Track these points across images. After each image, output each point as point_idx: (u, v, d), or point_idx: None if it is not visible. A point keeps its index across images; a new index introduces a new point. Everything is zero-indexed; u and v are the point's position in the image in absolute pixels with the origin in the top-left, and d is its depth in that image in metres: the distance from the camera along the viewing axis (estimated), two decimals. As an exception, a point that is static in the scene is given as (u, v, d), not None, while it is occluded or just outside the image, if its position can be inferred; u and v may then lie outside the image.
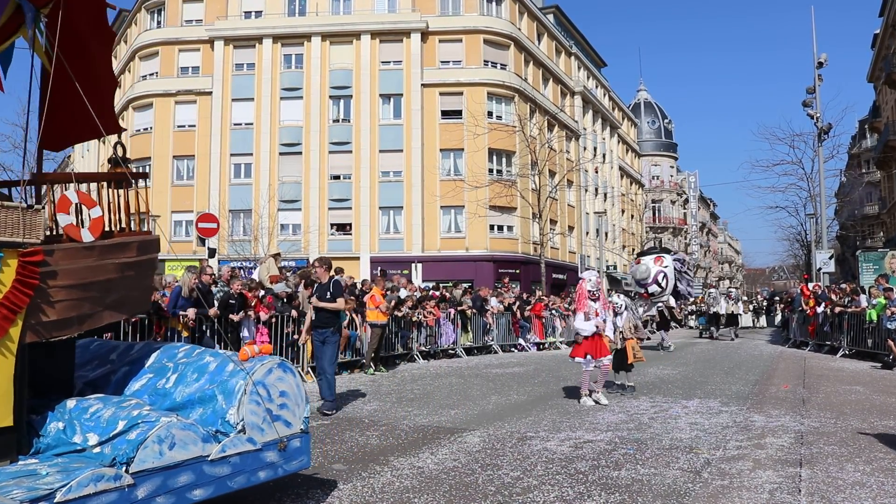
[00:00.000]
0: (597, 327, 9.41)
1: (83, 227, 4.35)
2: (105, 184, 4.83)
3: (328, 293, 8.93)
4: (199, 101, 37.49)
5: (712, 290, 31.55)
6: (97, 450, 3.96)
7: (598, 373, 9.63)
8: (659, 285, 19.09)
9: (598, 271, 16.95)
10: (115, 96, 4.95)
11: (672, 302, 20.14)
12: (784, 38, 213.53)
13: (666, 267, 19.19)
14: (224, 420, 4.35)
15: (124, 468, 3.76)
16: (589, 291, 9.51)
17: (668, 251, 21.83)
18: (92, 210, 4.42)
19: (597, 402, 9.34)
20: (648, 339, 27.60)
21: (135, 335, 9.83)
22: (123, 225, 4.82)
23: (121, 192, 4.82)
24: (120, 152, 4.83)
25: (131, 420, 4.02)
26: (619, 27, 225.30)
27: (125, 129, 5.00)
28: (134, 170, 5.03)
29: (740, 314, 28.90)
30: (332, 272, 9.56)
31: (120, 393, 4.78)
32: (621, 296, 12.26)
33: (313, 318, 9.10)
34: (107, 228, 4.61)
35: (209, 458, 4.12)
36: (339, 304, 9.01)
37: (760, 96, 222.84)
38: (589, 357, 9.44)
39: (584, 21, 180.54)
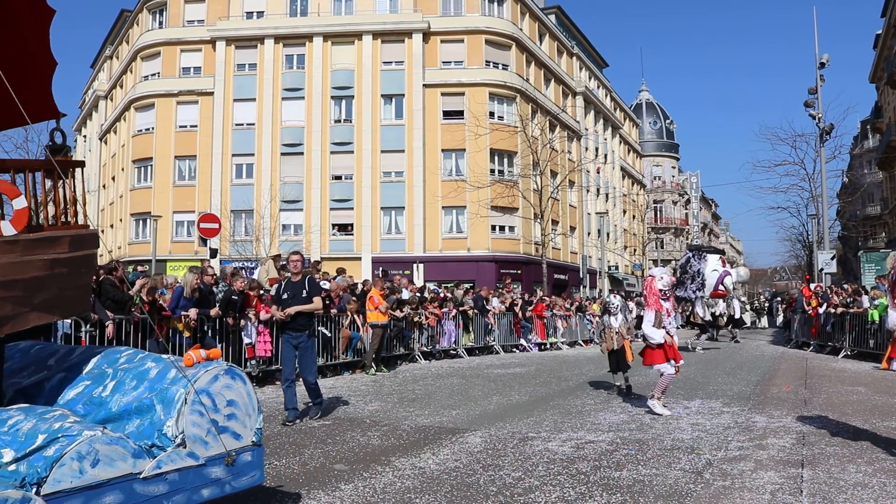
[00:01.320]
0: (666, 331, 8.61)
1: (4, 219, 3.99)
2: (35, 172, 4.33)
3: (304, 291, 8.14)
4: (201, 102, 37.53)
5: None
6: (13, 467, 3.48)
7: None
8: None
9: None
10: (52, 77, 4.45)
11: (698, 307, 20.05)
12: (789, 35, 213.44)
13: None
14: (161, 433, 3.96)
15: (35, 489, 3.33)
16: (660, 290, 8.67)
17: (717, 251, 21.49)
18: (15, 200, 4.04)
19: (650, 411, 8.53)
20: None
21: (136, 335, 9.84)
22: (55, 218, 4.37)
23: (58, 181, 4.35)
24: (59, 139, 4.44)
25: (52, 434, 3.59)
26: (620, 27, 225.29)
27: (64, 115, 4.46)
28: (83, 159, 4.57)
29: (736, 314, 28.44)
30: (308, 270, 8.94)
31: (53, 402, 4.38)
32: (617, 296, 12.17)
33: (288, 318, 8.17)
34: (36, 222, 4.22)
35: (141, 476, 3.72)
36: (317, 304, 8.26)
37: (763, 95, 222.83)
38: (672, 361, 8.60)
39: (585, 21, 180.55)
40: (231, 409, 4.32)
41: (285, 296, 8.25)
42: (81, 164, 4.89)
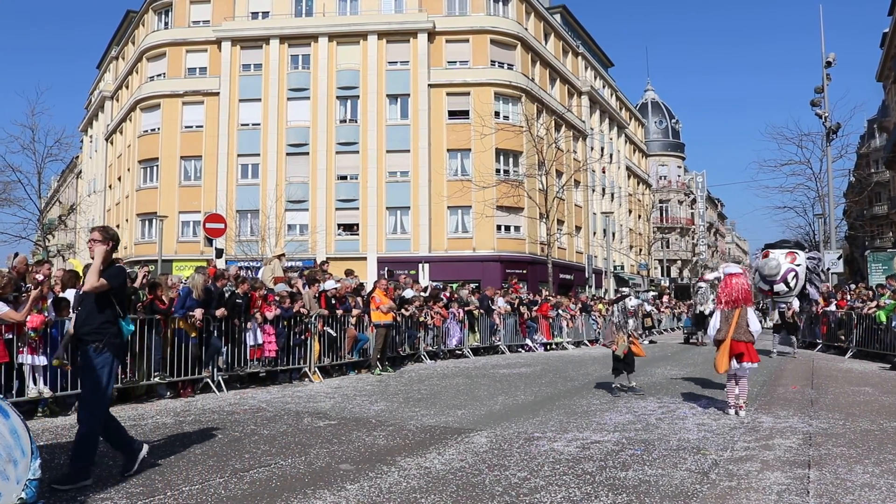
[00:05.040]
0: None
1: None
2: None
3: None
4: (207, 102, 37.64)
5: (701, 284, 24.87)
6: None
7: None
8: (787, 284, 16.69)
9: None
10: None
11: (796, 305, 17.48)
12: (795, 34, 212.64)
13: (798, 265, 16.82)
14: None
15: None
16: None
17: (801, 247, 18.69)
18: None
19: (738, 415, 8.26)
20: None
21: (141, 332, 9.84)
22: None
23: None
24: None
25: None
26: (626, 26, 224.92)
27: None
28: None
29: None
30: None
31: None
32: (632, 298, 12.08)
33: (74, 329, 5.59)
34: None
35: None
36: (91, 281, 5.29)
37: (769, 94, 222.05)
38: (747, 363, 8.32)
39: (590, 21, 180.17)
40: None
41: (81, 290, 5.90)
42: None
